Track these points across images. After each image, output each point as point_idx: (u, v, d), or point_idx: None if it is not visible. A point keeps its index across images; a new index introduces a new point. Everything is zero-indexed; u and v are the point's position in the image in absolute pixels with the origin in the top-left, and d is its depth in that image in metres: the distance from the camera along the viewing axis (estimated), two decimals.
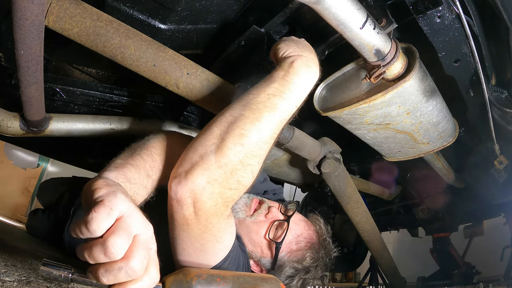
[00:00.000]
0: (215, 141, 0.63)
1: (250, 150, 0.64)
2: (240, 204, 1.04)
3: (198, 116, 1.75)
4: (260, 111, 0.66)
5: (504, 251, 2.50)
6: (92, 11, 0.81)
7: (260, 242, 0.98)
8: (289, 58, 0.77)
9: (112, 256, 0.46)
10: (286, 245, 0.97)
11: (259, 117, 0.66)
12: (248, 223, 1.00)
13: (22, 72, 0.80)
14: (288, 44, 0.81)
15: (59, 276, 0.51)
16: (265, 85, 0.72)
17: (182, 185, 0.60)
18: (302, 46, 0.82)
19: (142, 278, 0.49)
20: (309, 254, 0.98)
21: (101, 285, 0.49)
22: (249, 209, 1.03)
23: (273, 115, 0.68)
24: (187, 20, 1.12)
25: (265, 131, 0.66)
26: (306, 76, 0.76)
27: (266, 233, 0.97)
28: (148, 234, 0.52)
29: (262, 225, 0.99)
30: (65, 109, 1.51)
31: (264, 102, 0.68)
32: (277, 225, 0.99)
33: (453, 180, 1.91)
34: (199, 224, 0.63)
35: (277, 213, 1.02)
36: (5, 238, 1.29)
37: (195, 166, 0.61)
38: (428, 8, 0.85)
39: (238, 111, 0.67)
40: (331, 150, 1.29)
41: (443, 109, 1.12)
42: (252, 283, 0.68)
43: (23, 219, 3.89)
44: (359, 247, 2.87)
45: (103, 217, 0.47)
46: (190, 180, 0.60)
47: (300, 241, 1.01)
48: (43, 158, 4.57)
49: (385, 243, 1.96)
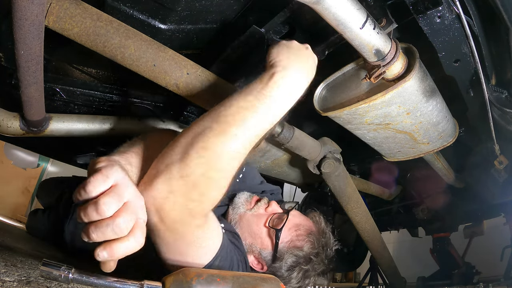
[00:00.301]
0: (179, 151, 0.63)
1: (213, 164, 0.62)
2: (241, 199, 1.08)
3: (198, 116, 1.74)
4: (227, 125, 0.64)
5: (504, 251, 2.50)
6: (92, 11, 0.81)
7: (260, 232, 1.00)
8: (272, 69, 0.71)
9: (102, 213, 0.52)
10: (285, 233, 0.99)
11: (225, 131, 0.63)
12: (248, 216, 1.03)
13: (22, 72, 0.80)
14: (279, 51, 0.75)
15: (59, 276, 0.51)
16: (240, 97, 0.68)
17: (147, 192, 0.61)
18: (295, 55, 0.75)
19: (128, 238, 0.54)
20: (309, 240, 0.99)
21: (101, 285, 0.50)
22: (249, 204, 1.07)
23: (242, 130, 0.64)
24: (187, 20, 1.12)
25: (231, 145, 0.63)
26: (287, 91, 0.70)
27: (266, 222, 1.01)
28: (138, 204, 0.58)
29: (261, 217, 1.03)
30: (65, 109, 1.51)
31: (233, 115, 0.65)
32: (276, 217, 1.02)
33: (453, 180, 1.91)
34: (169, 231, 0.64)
35: (277, 207, 1.05)
36: (5, 238, 1.29)
37: (159, 175, 0.62)
38: (428, 8, 0.85)
39: (207, 123, 0.65)
40: (331, 150, 1.29)
41: (443, 109, 1.12)
42: (252, 283, 0.68)
43: (23, 219, 3.88)
44: (359, 247, 2.87)
45: (99, 181, 0.54)
46: (153, 188, 0.61)
47: (299, 229, 1.02)
48: (43, 158, 4.57)
49: (385, 243, 1.96)
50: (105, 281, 0.56)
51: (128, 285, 0.58)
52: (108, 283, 0.56)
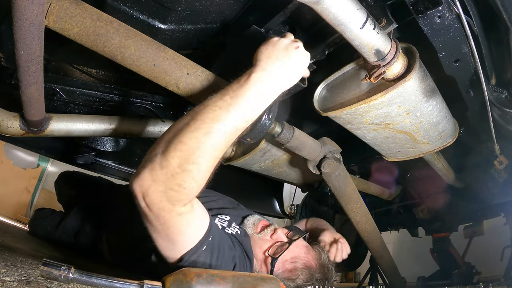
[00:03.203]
0: (162, 145, 0.70)
1: (187, 156, 0.68)
2: (249, 222, 1.17)
3: None
4: (202, 122, 0.70)
5: (504, 251, 2.50)
6: (92, 11, 0.81)
7: (260, 257, 1.05)
8: (253, 68, 0.76)
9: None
10: (281, 263, 1.02)
11: (200, 128, 0.69)
12: (255, 238, 1.10)
13: (22, 72, 0.80)
14: (262, 51, 0.79)
15: (59, 276, 0.51)
16: (218, 96, 0.74)
17: (134, 180, 0.69)
18: (277, 56, 0.77)
19: None
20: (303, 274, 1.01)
21: (101, 285, 0.50)
22: (256, 228, 1.14)
23: (216, 127, 0.70)
24: (187, 20, 1.12)
25: (205, 141, 0.69)
26: (261, 91, 0.74)
27: (267, 250, 1.05)
28: None
29: (266, 242, 1.08)
30: (65, 109, 1.51)
31: (208, 113, 0.71)
32: (279, 246, 1.06)
33: (453, 180, 1.91)
34: (155, 217, 0.70)
35: (282, 236, 1.10)
36: (5, 238, 1.29)
37: (145, 165, 0.69)
38: (428, 8, 0.85)
39: (186, 120, 0.71)
40: (331, 150, 1.29)
41: (443, 109, 1.12)
42: (252, 283, 0.68)
43: (23, 219, 3.88)
44: (359, 247, 2.87)
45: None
46: (139, 177, 0.68)
47: (296, 261, 1.04)
48: (43, 158, 4.56)
49: (385, 243, 1.96)
50: (105, 281, 0.56)
51: (128, 285, 0.58)
52: (108, 282, 0.57)
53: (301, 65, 0.81)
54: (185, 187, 0.68)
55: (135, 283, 0.59)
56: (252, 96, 0.73)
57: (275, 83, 0.77)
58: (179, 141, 0.68)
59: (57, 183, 1.81)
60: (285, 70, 0.77)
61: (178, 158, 0.67)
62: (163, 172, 0.67)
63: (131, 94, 1.61)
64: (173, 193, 0.68)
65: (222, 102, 0.72)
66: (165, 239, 0.76)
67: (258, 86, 0.74)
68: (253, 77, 0.74)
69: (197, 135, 0.68)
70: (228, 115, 0.71)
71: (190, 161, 0.68)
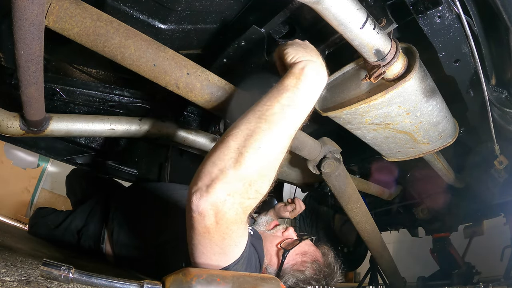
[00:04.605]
0: (233, 155, 0.64)
1: (267, 162, 0.66)
2: (263, 220, 1.26)
3: (198, 116, 1.75)
4: (275, 123, 0.67)
5: (504, 251, 2.50)
6: (92, 11, 0.81)
7: (271, 250, 1.07)
8: (299, 64, 0.76)
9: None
10: (292, 256, 1.05)
11: (274, 129, 0.67)
12: (267, 235, 1.15)
13: (22, 72, 0.80)
14: (296, 49, 0.80)
15: (59, 276, 0.51)
16: (278, 94, 0.71)
17: (204, 199, 0.62)
18: (310, 50, 0.81)
19: None
20: (312, 267, 1.03)
21: (101, 285, 0.50)
22: (268, 225, 1.22)
23: (288, 126, 0.69)
24: (187, 20, 1.12)
25: (280, 142, 0.68)
26: (317, 82, 0.76)
27: (279, 243, 1.09)
28: None
29: (277, 238, 1.13)
30: (65, 109, 1.51)
31: (278, 113, 0.69)
32: (290, 242, 1.10)
33: (453, 180, 1.91)
34: (220, 231, 0.65)
35: (293, 233, 1.16)
36: (5, 238, 1.29)
37: (215, 180, 0.62)
38: (428, 8, 0.85)
39: (254, 124, 0.67)
40: (331, 150, 1.29)
41: (443, 109, 1.12)
42: (252, 283, 0.68)
43: (23, 219, 3.89)
44: (359, 247, 2.87)
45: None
46: (212, 194, 0.62)
47: (306, 256, 1.07)
48: (43, 158, 4.57)
49: (385, 243, 1.96)
50: (105, 281, 0.56)
51: (128, 285, 0.58)
52: (108, 282, 0.56)
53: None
54: (261, 192, 0.67)
55: (135, 283, 0.59)
56: (312, 88, 0.75)
57: (323, 70, 0.78)
58: (255, 146, 0.64)
59: (68, 179, 1.89)
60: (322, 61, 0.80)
61: (257, 166, 0.64)
62: (241, 184, 0.63)
63: (131, 94, 1.61)
64: (250, 201, 0.65)
65: (287, 100, 0.70)
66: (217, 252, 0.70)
67: (315, 78, 0.75)
68: (307, 69, 0.75)
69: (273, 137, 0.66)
70: (297, 112, 0.71)
71: (269, 165, 0.67)
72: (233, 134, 0.67)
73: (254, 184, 0.64)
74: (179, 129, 1.46)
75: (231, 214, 0.63)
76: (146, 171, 1.96)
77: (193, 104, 1.01)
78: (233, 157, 0.64)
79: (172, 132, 1.45)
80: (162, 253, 1.07)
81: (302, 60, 0.77)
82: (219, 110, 1.00)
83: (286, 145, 0.70)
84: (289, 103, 0.70)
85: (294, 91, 0.72)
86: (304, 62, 0.76)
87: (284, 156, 0.71)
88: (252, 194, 0.65)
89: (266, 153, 0.65)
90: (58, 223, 1.43)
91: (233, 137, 0.67)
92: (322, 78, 0.77)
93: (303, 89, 0.73)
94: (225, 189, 0.62)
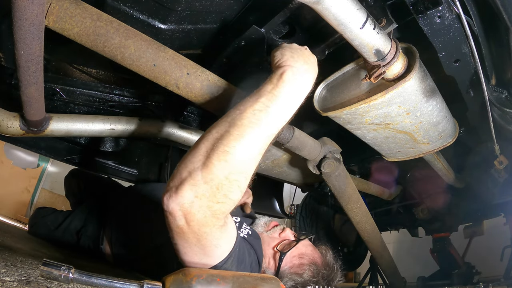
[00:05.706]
0: (201, 158, 0.65)
1: (235, 166, 0.65)
2: (261, 221, 1.24)
3: (198, 116, 1.75)
4: (244, 128, 0.67)
5: (504, 251, 2.50)
6: (92, 11, 0.81)
7: (269, 253, 1.07)
8: (280, 69, 0.76)
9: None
10: (289, 258, 1.04)
11: (243, 134, 0.66)
12: (264, 236, 1.14)
13: (22, 72, 0.80)
14: (282, 53, 0.80)
15: (59, 276, 0.51)
16: (253, 99, 0.71)
17: (173, 199, 0.64)
18: (298, 55, 0.79)
19: None
20: (310, 269, 1.03)
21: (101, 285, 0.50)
22: (267, 227, 1.21)
23: (259, 131, 0.68)
24: (187, 20, 1.12)
25: (250, 147, 0.67)
26: (296, 88, 0.75)
27: (276, 246, 1.09)
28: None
29: (274, 239, 1.13)
30: (65, 109, 1.51)
31: (249, 118, 0.68)
32: (287, 243, 1.10)
33: (453, 180, 1.91)
34: (193, 233, 0.66)
35: (290, 234, 1.15)
36: (5, 238, 1.29)
37: (184, 182, 0.64)
38: (428, 8, 0.85)
39: (224, 128, 0.68)
40: (331, 150, 1.29)
41: (443, 109, 1.12)
42: (252, 283, 0.68)
43: (23, 219, 3.89)
44: (359, 247, 2.87)
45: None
46: (180, 195, 0.63)
47: (303, 258, 1.07)
48: (43, 158, 4.57)
49: (385, 243, 1.96)
50: (105, 281, 0.56)
51: (128, 285, 0.58)
52: (108, 282, 0.56)
53: (316, 62, 0.83)
54: (231, 197, 0.66)
55: (135, 283, 0.59)
56: (289, 95, 0.73)
57: (307, 78, 0.77)
58: (223, 150, 0.64)
59: (66, 179, 1.88)
60: (309, 65, 0.80)
61: (224, 169, 0.64)
62: (208, 187, 0.63)
63: (131, 94, 1.61)
64: (219, 206, 0.65)
65: (260, 105, 0.70)
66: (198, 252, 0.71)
67: (293, 84, 0.74)
68: (286, 75, 0.74)
69: (242, 142, 0.66)
70: (269, 118, 0.70)
71: (238, 170, 0.66)
72: (205, 138, 0.69)
73: (222, 188, 0.64)
74: (179, 129, 1.47)
75: (200, 216, 0.64)
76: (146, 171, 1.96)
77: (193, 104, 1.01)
78: (201, 160, 0.65)
79: (172, 132, 1.45)
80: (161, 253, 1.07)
81: (284, 65, 0.76)
82: (219, 110, 1.00)
83: (257, 150, 0.69)
84: (261, 108, 0.70)
85: (269, 97, 0.71)
86: (284, 68, 0.76)
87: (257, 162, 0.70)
88: (220, 199, 0.65)
89: (234, 158, 0.65)
90: (58, 223, 1.43)
91: (204, 141, 0.68)
92: (302, 84, 0.76)
93: (279, 95, 0.72)
94: (192, 191, 0.63)
